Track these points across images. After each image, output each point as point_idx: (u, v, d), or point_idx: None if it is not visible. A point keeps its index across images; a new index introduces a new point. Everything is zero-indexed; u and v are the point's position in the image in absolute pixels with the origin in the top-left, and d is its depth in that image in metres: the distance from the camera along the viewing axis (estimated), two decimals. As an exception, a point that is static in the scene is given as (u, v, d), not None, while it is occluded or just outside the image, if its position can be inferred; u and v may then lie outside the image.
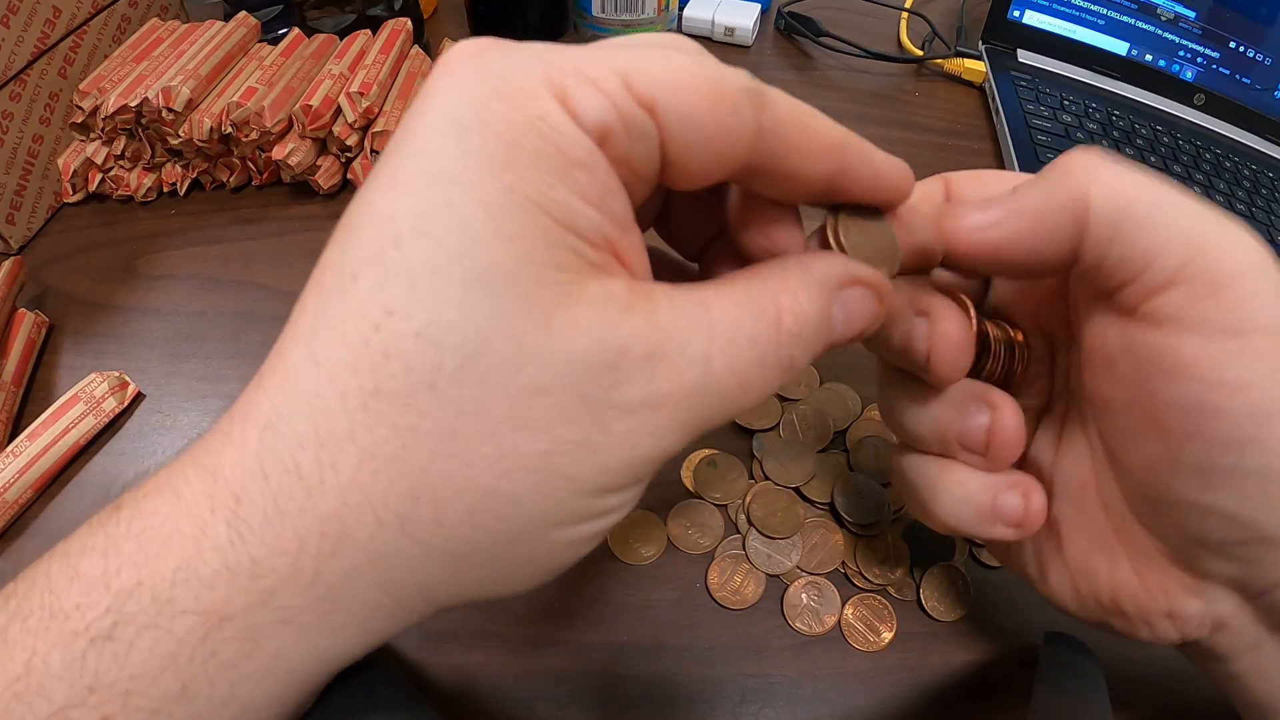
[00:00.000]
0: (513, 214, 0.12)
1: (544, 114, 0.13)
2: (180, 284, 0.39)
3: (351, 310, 0.13)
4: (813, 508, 0.31)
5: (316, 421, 0.13)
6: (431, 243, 0.12)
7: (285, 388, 0.13)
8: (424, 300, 0.12)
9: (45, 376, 0.35)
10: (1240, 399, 0.15)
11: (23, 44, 0.39)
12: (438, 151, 0.13)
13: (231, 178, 0.43)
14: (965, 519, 0.20)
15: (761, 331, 0.14)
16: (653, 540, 0.29)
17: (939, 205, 0.19)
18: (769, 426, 0.33)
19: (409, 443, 0.13)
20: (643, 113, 0.13)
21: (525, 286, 0.13)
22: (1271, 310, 0.15)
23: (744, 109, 0.14)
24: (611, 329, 0.13)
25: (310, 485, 0.13)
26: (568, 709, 0.26)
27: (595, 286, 0.13)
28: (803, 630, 0.28)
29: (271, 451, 0.13)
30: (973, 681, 0.27)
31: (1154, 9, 0.54)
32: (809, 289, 0.15)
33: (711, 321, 0.14)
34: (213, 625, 0.13)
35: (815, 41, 0.57)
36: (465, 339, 0.12)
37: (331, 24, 0.50)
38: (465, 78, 0.13)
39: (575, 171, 0.13)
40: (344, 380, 0.13)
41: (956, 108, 0.55)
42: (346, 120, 0.41)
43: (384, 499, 0.13)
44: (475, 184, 0.12)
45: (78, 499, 0.31)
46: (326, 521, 0.13)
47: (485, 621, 0.27)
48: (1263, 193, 0.49)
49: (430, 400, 0.13)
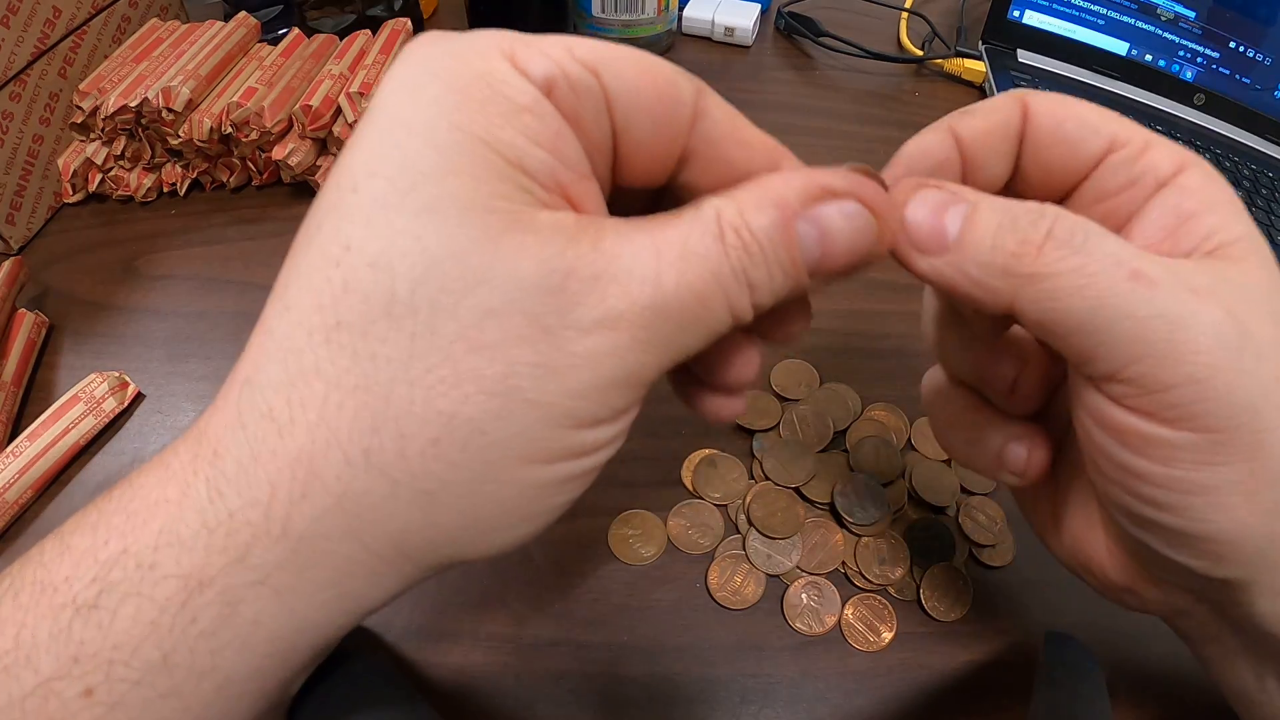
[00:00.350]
0: (461, 150, 0.13)
1: (493, 69, 0.13)
2: (180, 284, 0.39)
3: (315, 254, 0.14)
4: (813, 508, 0.31)
5: (287, 363, 0.13)
6: (383, 181, 0.13)
7: (262, 341, 0.14)
8: (377, 232, 0.13)
9: (45, 376, 0.35)
10: (1163, 473, 0.15)
11: (23, 44, 0.39)
12: (395, 106, 0.14)
13: (231, 178, 0.43)
14: (975, 457, 0.21)
15: (706, 246, 0.14)
16: (653, 540, 0.29)
17: (1009, 142, 0.18)
18: (769, 426, 0.33)
19: (370, 371, 0.13)
20: (586, 72, 0.14)
21: (473, 214, 0.13)
22: (1210, 415, 0.15)
23: (681, 86, 0.15)
24: (557, 253, 0.13)
25: (282, 426, 0.13)
26: (568, 709, 0.26)
27: (545, 216, 0.14)
28: (803, 630, 0.28)
29: (248, 402, 0.14)
30: (973, 681, 0.27)
31: (1154, 9, 0.54)
32: (756, 202, 0.14)
33: (657, 242, 0.14)
34: (192, 589, 0.13)
35: (815, 41, 0.57)
36: (415, 264, 0.13)
37: (331, 24, 0.50)
38: (422, 50, 0.14)
39: (523, 116, 0.13)
40: (310, 319, 0.13)
41: (956, 108, 0.54)
42: (346, 120, 0.41)
43: (349, 432, 0.13)
44: (424, 127, 0.13)
45: (78, 499, 0.31)
46: (295, 463, 0.13)
47: (485, 621, 0.27)
48: (1263, 193, 0.49)
49: (387, 326, 0.13)
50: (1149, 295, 0.14)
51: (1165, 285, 0.15)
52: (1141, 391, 0.15)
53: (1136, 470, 0.16)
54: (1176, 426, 0.15)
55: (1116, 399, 0.15)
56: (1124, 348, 0.15)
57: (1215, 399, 0.14)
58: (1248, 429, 0.15)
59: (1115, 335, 0.15)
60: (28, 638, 0.13)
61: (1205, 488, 0.15)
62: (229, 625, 0.14)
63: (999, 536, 0.30)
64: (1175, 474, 0.15)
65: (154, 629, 0.13)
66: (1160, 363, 0.14)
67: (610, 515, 0.30)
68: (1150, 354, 0.14)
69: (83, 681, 0.13)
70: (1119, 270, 0.15)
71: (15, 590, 0.14)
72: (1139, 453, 0.15)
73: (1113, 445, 0.16)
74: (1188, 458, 0.15)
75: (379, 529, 0.14)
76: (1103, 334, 0.15)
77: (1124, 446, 0.16)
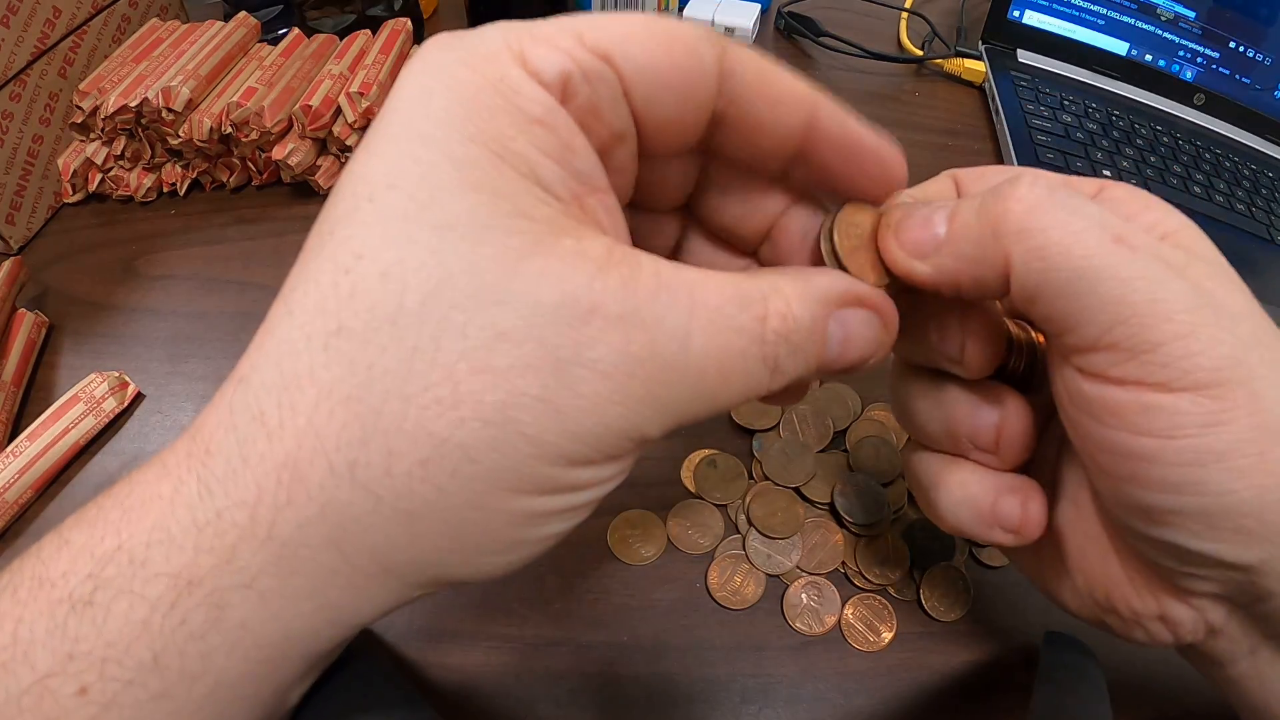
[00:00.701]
0: (477, 166, 0.13)
1: (504, 75, 0.13)
2: (180, 284, 0.39)
3: (325, 260, 0.13)
4: (813, 508, 0.31)
5: (282, 366, 0.13)
6: (401, 194, 0.13)
7: (261, 342, 0.14)
8: (393, 243, 0.13)
9: (45, 376, 0.35)
10: (1171, 446, 0.15)
11: (23, 44, 0.39)
12: (407, 116, 0.13)
13: (231, 178, 0.43)
14: (965, 519, 0.20)
15: (746, 323, 0.14)
16: (653, 540, 0.30)
17: None
18: (769, 426, 0.33)
19: (365, 381, 0.13)
20: (599, 61, 0.14)
21: (493, 233, 0.13)
22: (1201, 369, 0.15)
23: (702, 50, 0.14)
24: (584, 284, 0.13)
25: (271, 430, 0.13)
26: (568, 709, 0.26)
27: (570, 241, 0.13)
28: (803, 630, 0.28)
29: (242, 402, 0.13)
30: (973, 681, 0.27)
31: (1154, 9, 0.54)
32: (803, 296, 0.15)
33: (695, 300, 0.14)
34: (182, 589, 0.13)
35: (815, 41, 0.57)
36: (429, 277, 0.12)
37: (331, 24, 0.50)
38: (434, 55, 0.14)
39: (534, 128, 0.13)
40: (311, 323, 0.13)
41: (956, 108, 0.55)
42: (346, 120, 0.41)
43: (336, 442, 0.13)
44: (441, 140, 0.13)
45: (78, 499, 0.31)
46: (282, 468, 0.13)
47: (485, 622, 0.27)
48: (1263, 193, 0.49)
49: (389, 335, 0.12)
50: (1130, 258, 0.15)
51: (1145, 251, 0.15)
52: (1129, 355, 0.15)
53: (1145, 453, 0.15)
54: (1171, 389, 0.15)
55: (1106, 375, 0.16)
56: (1109, 308, 0.15)
57: (1202, 352, 0.15)
58: (1239, 382, 0.15)
59: (1100, 295, 0.15)
60: (25, 633, 0.13)
61: (1216, 453, 0.15)
62: (217, 628, 0.13)
63: (999, 536, 0.30)
64: (1183, 445, 0.15)
65: (145, 629, 0.13)
66: (1144, 321, 0.15)
67: (610, 515, 0.30)
68: (1134, 314, 0.15)
69: (78, 680, 0.13)
70: (1104, 233, 0.15)
71: (14, 586, 0.14)
72: (1142, 432, 0.15)
73: (1115, 434, 0.16)
74: (1190, 423, 0.15)
75: (360, 542, 0.13)
76: (1087, 296, 0.15)
77: (1125, 429, 0.16)
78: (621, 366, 0.13)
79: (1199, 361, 0.15)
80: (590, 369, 0.13)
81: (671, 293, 0.13)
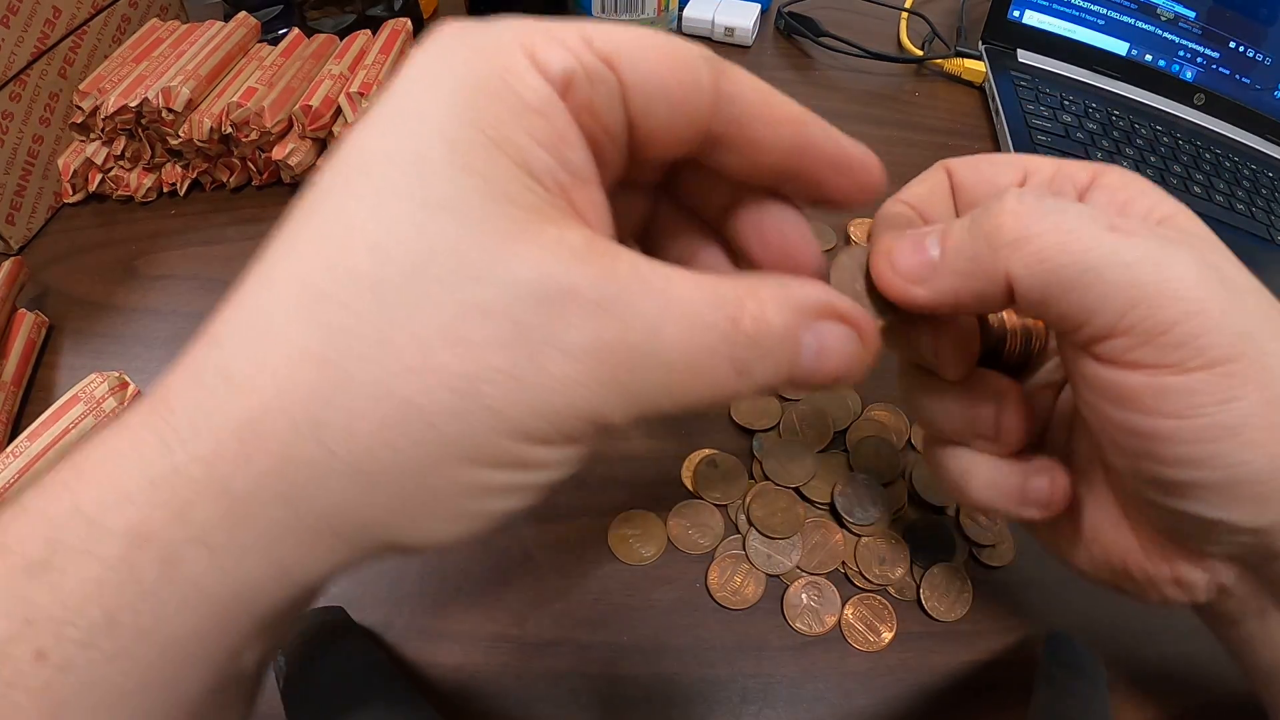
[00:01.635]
0: (473, 149, 0.13)
1: (510, 65, 0.14)
2: (180, 284, 0.39)
3: (312, 228, 0.14)
4: (813, 508, 0.31)
5: (254, 325, 0.13)
6: (396, 169, 0.13)
7: (236, 306, 0.14)
8: (382, 217, 0.13)
9: (45, 376, 0.35)
10: (1188, 425, 0.16)
11: (23, 44, 0.39)
12: (409, 96, 0.14)
13: (231, 178, 0.43)
14: (998, 500, 0.21)
15: (718, 322, 0.14)
16: (653, 540, 0.30)
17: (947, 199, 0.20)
18: (769, 426, 0.33)
19: (338, 344, 0.13)
20: (603, 65, 0.14)
21: (481, 216, 0.13)
22: (1214, 347, 0.15)
23: (701, 70, 0.15)
24: (563, 270, 0.13)
25: (236, 385, 0.13)
26: (568, 709, 0.26)
27: (553, 230, 0.14)
28: (803, 630, 0.28)
29: (209, 359, 0.14)
30: (973, 681, 0.27)
31: (1154, 9, 0.54)
32: (779, 302, 0.15)
33: (670, 294, 0.14)
34: (135, 545, 0.13)
35: (815, 41, 0.57)
36: (414, 251, 0.13)
37: (331, 24, 0.50)
38: (445, 39, 0.14)
39: (531, 116, 0.14)
40: (290, 289, 0.13)
41: (956, 108, 0.55)
42: (346, 120, 0.41)
43: (303, 402, 0.13)
44: (439, 121, 0.13)
45: (78, 499, 0.31)
46: (244, 424, 0.13)
47: (485, 621, 0.27)
48: (1263, 193, 0.49)
49: (368, 303, 0.13)
50: (1130, 243, 0.15)
51: (1142, 235, 0.16)
52: (1142, 340, 0.15)
53: (1162, 433, 0.16)
54: (1186, 370, 0.15)
55: (1120, 360, 0.16)
56: (1119, 295, 0.15)
57: (1215, 330, 0.15)
58: (1251, 356, 0.15)
59: (1108, 284, 0.15)
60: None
61: (1230, 429, 0.15)
62: (169, 583, 0.13)
63: (999, 536, 0.30)
64: (1199, 423, 0.15)
65: (99, 588, 0.13)
66: (1155, 303, 0.15)
67: (610, 515, 0.30)
68: (1144, 297, 0.15)
69: (34, 644, 0.13)
70: (1096, 225, 0.16)
71: None
72: (1159, 413, 0.16)
73: (1132, 416, 0.16)
74: (1206, 402, 0.15)
75: (313, 501, 0.14)
76: (1094, 287, 0.15)
77: (1142, 413, 0.16)
78: (591, 351, 0.13)
79: (1212, 339, 0.15)
80: (561, 350, 0.13)
81: (647, 285, 0.14)
